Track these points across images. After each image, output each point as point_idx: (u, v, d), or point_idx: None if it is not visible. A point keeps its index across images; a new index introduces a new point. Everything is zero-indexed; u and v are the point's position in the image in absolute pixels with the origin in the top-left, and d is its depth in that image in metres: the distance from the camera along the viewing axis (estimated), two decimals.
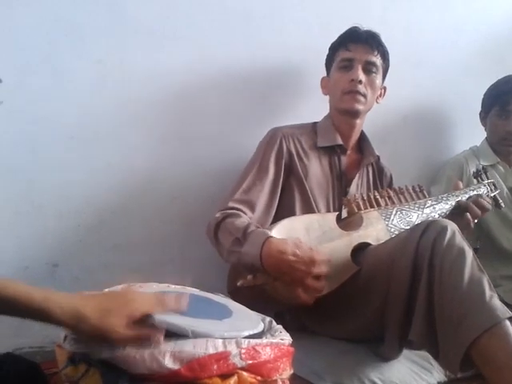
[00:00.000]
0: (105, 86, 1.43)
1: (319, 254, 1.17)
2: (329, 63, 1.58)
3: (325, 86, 1.61)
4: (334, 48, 1.55)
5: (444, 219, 1.21)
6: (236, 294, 1.28)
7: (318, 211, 1.45)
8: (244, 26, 1.62)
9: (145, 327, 0.74)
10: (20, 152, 1.35)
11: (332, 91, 1.56)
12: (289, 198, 1.46)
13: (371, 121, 1.62)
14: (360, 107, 1.49)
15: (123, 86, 1.46)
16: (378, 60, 1.51)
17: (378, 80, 1.53)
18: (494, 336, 1.01)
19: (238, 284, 1.22)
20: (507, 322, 1.02)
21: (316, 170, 1.49)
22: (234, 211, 1.34)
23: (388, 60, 1.55)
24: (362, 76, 1.47)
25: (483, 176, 1.69)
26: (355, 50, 1.48)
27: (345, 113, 1.52)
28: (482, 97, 1.93)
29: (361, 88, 1.47)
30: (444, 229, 1.13)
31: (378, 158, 1.62)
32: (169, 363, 0.70)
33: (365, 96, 1.49)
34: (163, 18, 1.50)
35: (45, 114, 1.36)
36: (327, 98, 1.60)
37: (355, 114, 1.51)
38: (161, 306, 0.78)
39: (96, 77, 1.42)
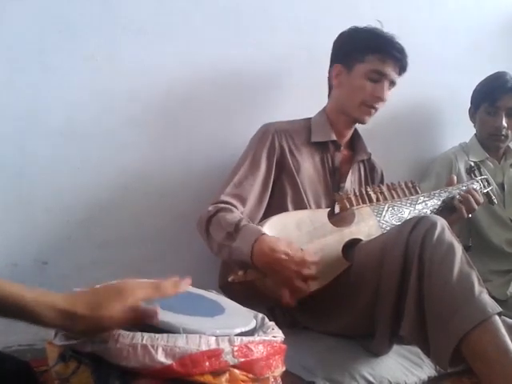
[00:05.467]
0: (95, 82, 1.42)
1: (310, 255, 1.17)
2: (352, 56, 1.47)
3: (337, 75, 1.51)
4: (367, 47, 1.45)
5: (434, 215, 1.22)
6: (227, 290, 1.29)
7: (310, 207, 1.45)
8: (235, 23, 1.62)
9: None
10: (9, 148, 1.33)
11: (349, 93, 1.49)
12: (280, 193, 1.45)
13: None
14: (369, 120, 1.50)
15: (113, 83, 1.45)
16: (398, 78, 1.50)
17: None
18: (484, 331, 1.02)
19: (229, 279, 1.22)
20: (497, 317, 1.04)
21: (308, 166, 1.49)
22: (226, 205, 1.33)
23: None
24: (387, 95, 1.47)
25: (476, 172, 1.70)
26: (390, 67, 1.45)
27: (352, 119, 1.51)
28: (472, 93, 1.94)
29: (380, 105, 1.48)
30: (434, 224, 1.14)
31: (370, 155, 1.62)
32: (161, 358, 0.70)
33: (377, 110, 1.50)
34: (155, 14, 1.49)
35: (34, 109, 1.35)
36: (317, 95, 1.58)
37: (361, 123, 1.52)
38: (158, 292, 0.76)
39: (86, 73, 1.41)
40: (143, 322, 0.73)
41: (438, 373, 1.23)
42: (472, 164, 1.75)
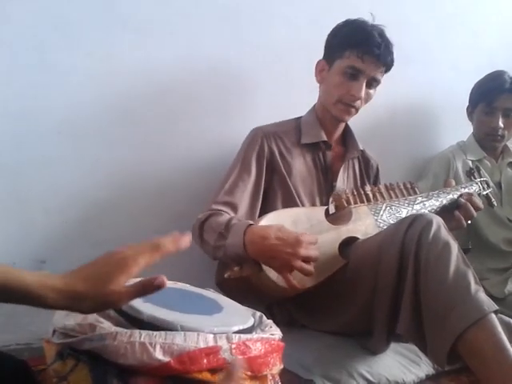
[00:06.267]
0: (93, 81, 1.43)
1: (305, 236, 1.16)
2: (333, 51, 1.45)
3: (320, 71, 1.50)
4: (346, 43, 1.41)
5: (430, 213, 1.22)
6: (223, 287, 1.29)
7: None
8: (233, 21, 1.62)
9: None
10: (6, 147, 1.33)
11: (328, 88, 1.47)
12: (272, 198, 1.45)
13: (360, 117, 1.60)
14: (349, 118, 1.49)
15: (111, 81, 1.45)
16: (381, 75, 1.45)
17: (374, 91, 1.47)
18: (481, 329, 1.02)
19: (226, 276, 1.22)
20: (493, 315, 1.04)
21: (300, 167, 1.47)
22: (217, 212, 1.34)
23: (390, 68, 1.48)
24: (363, 93, 1.42)
25: (476, 174, 1.70)
26: (367, 63, 1.39)
27: (334, 117, 1.49)
28: (470, 92, 1.94)
29: (357, 103, 1.44)
30: (429, 222, 1.14)
31: (362, 151, 1.60)
32: (159, 355, 0.70)
33: (357, 109, 1.46)
34: (153, 12, 1.49)
35: (32, 108, 1.35)
36: (317, 95, 1.58)
37: (342, 122, 1.51)
38: (159, 253, 0.73)
39: (84, 71, 1.41)
40: (151, 291, 0.70)
41: (435, 371, 1.23)
42: (471, 165, 1.74)
